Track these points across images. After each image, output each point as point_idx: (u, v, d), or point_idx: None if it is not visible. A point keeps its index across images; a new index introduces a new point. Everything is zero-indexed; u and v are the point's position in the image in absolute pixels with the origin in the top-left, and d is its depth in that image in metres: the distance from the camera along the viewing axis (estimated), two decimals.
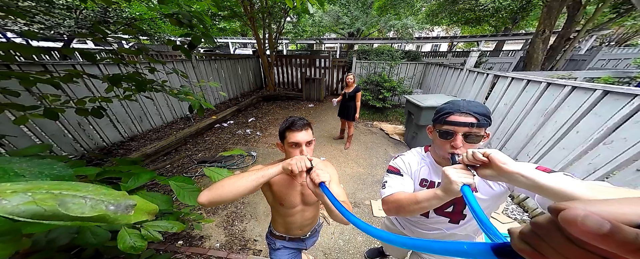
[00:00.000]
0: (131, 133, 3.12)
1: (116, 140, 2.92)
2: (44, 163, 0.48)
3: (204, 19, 1.01)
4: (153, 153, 2.63)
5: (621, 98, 1.30)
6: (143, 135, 3.22)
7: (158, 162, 2.64)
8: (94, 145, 2.64)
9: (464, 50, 11.69)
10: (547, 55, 4.62)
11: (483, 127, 0.52)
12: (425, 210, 0.53)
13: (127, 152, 2.71)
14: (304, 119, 0.71)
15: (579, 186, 0.32)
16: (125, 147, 2.86)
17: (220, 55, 5.98)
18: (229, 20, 5.31)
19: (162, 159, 2.74)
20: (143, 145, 2.91)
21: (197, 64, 4.30)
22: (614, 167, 1.25)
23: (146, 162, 2.56)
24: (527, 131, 1.94)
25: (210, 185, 0.59)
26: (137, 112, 3.15)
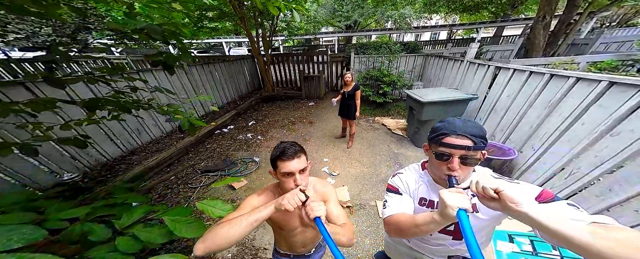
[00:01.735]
0: (131, 147, 3.11)
1: (116, 154, 2.91)
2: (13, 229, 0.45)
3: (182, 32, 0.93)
4: (155, 165, 2.63)
5: (628, 90, 1.28)
6: (143, 148, 3.22)
7: (162, 174, 2.65)
8: (94, 161, 2.64)
9: (464, 37, 11.45)
10: (549, 41, 4.53)
11: (479, 150, 0.52)
12: (425, 233, 0.53)
13: (128, 167, 2.71)
14: (295, 145, 0.67)
15: (580, 230, 0.33)
16: (127, 162, 2.86)
17: (214, 58, 5.78)
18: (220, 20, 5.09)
19: (165, 170, 2.74)
20: (144, 158, 2.91)
21: (190, 70, 4.18)
22: (621, 160, 1.26)
23: (150, 175, 2.57)
24: (531, 123, 1.93)
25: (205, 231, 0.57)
26: (134, 125, 3.11)
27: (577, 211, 0.42)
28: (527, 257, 1.25)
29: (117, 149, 2.93)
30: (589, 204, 1.39)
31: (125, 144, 3.02)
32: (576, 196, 1.49)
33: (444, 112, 2.69)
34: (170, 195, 2.30)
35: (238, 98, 5.83)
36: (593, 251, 0.33)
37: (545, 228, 0.36)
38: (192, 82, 4.26)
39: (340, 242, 0.63)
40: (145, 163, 2.56)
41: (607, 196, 1.30)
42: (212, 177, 2.60)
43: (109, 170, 2.64)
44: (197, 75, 4.39)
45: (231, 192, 2.32)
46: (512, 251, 1.31)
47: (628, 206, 1.21)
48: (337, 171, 2.59)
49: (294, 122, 4.27)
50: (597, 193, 1.36)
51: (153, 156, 2.73)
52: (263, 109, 5.20)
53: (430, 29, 9.42)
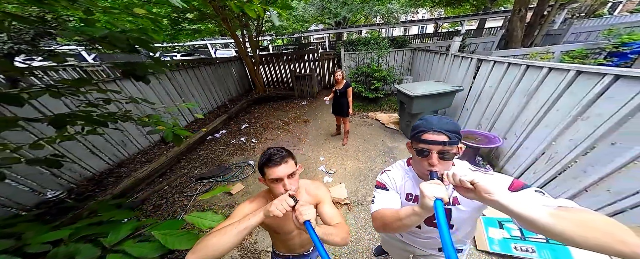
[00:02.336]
0: (117, 159, 2.99)
1: (103, 168, 2.79)
2: None
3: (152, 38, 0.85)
4: (146, 176, 2.55)
5: (593, 77, 1.39)
6: (131, 159, 3.10)
7: (154, 184, 2.58)
8: (79, 176, 2.51)
9: (449, 30, 11.78)
10: (526, 32, 4.78)
11: (455, 144, 0.56)
12: (409, 227, 0.54)
13: (117, 180, 2.61)
14: (282, 151, 0.67)
15: (543, 214, 0.38)
16: (115, 174, 2.75)
17: (199, 61, 5.56)
18: (202, 22, 4.82)
19: (158, 181, 2.67)
20: (133, 169, 2.81)
21: (172, 75, 3.99)
22: (593, 142, 1.37)
23: (142, 186, 2.49)
24: (512, 111, 2.05)
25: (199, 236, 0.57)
26: (118, 137, 2.97)
27: (543, 197, 0.47)
28: (516, 242, 1.35)
29: (103, 162, 2.81)
30: (568, 186, 1.50)
31: (110, 157, 2.90)
32: (556, 180, 1.60)
33: (433, 104, 2.79)
34: (166, 205, 2.25)
35: (228, 101, 5.69)
36: (555, 231, 0.37)
37: (514, 214, 0.40)
38: (176, 88, 4.08)
39: (334, 242, 0.63)
40: (135, 175, 2.48)
41: (582, 177, 1.42)
42: (207, 184, 2.55)
43: (96, 184, 2.54)
44: (181, 80, 4.21)
45: (228, 198, 2.30)
46: (503, 237, 1.41)
47: (602, 185, 1.33)
48: (333, 169, 2.62)
49: (288, 123, 4.25)
50: (574, 175, 1.48)
51: (143, 168, 2.64)
52: (255, 111, 5.12)
53: (417, 22, 9.61)
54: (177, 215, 2.09)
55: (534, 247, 1.32)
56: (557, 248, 1.25)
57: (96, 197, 2.15)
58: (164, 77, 3.79)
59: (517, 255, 1.32)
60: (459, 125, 0.58)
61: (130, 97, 1.07)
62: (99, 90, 1.05)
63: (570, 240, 0.37)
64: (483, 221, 1.54)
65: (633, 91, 1.20)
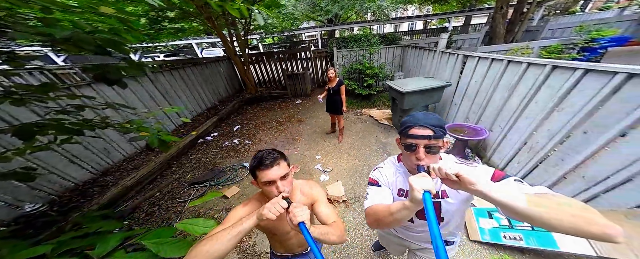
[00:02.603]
0: (101, 168, 2.84)
1: (86, 177, 2.66)
2: None
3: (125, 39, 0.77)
4: (135, 184, 2.45)
5: (566, 72, 1.50)
6: (117, 167, 2.96)
7: (145, 192, 2.49)
8: (59, 187, 2.37)
9: (438, 27, 12.09)
10: (508, 29, 5.01)
11: (440, 138, 0.58)
12: (400, 221, 0.56)
13: (103, 189, 2.50)
14: (273, 152, 0.66)
15: (520, 200, 0.41)
16: (100, 184, 2.62)
17: (184, 62, 5.20)
18: (184, 20, 4.50)
19: (148, 188, 2.58)
20: (120, 177, 2.69)
21: (155, 77, 3.77)
22: (568, 131, 1.49)
23: (131, 194, 2.40)
24: (497, 104, 2.16)
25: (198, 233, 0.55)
26: (100, 144, 2.81)
27: (522, 185, 0.51)
28: (505, 231, 1.43)
29: (85, 172, 2.66)
30: (549, 174, 1.61)
31: (93, 166, 2.75)
32: (538, 169, 1.72)
33: (423, 99, 2.87)
34: (159, 212, 2.19)
35: (218, 103, 5.53)
36: (533, 216, 0.40)
37: (496, 201, 0.43)
38: (161, 90, 3.88)
39: (331, 241, 0.64)
40: (123, 183, 2.37)
41: (560, 165, 1.53)
42: (201, 188, 2.50)
43: (81, 195, 2.41)
44: (166, 82, 4.01)
45: (224, 201, 2.26)
46: (492, 227, 1.49)
47: (578, 172, 1.44)
48: (330, 167, 2.65)
49: (282, 122, 4.21)
50: (553, 164, 1.59)
51: (130, 175, 2.53)
52: (247, 112, 5.02)
53: (407, 19, 9.79)
54: (172, 221, 2.05)
55: (522, 235, 1.39)
56: (542, 235, 1.33)
57: (82, 208, 2.04)
58: (146, 80, 3.60)
59: (507, 243, 1.39)
60: (443, 120, 0.61)
61: (106, 103, 0.98)
62: (70, 96, 0.96)
63: (547, 224, 0.40)
64: (474, 212, 1.62)
65: (600, 84, 1.30)
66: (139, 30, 0.90)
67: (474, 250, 1.45)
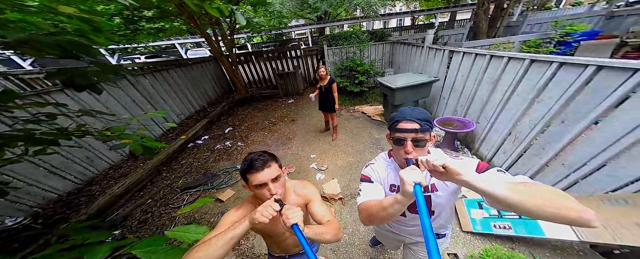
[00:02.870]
0: (86, 177, 2.70)
1: (70, 188, 2.51)
2: None
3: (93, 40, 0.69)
4: (124, 192, 2.36)
5: (543, 65, 1.58)
6: (103, 176, 2.82)
7: (135, 199, 2.40)
8: (41, 199, 2.24)
9: (425, 23, 12.33)
10: (490, 24, 5.21)
11: (427, 132, 0.60)
12: (393, 216, 0.56)
13: (90, 199, 2.37)
14: (264, 155, 0.65)
15: (502, 189, 0.43)
16: (86, 193, 2.49)
17: (167, 63, 4.90)
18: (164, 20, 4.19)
19: (138, 195, 2.48)
20: (107, 186, 2.57)
21: (137, 80, 3.57)
22: (547, 121, 1.57)
23: (121, 203, 2.30)
24: (482, 97, 2.25)
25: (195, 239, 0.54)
26: (81, 153, 2.65)
27: (504, 175, 0.54)
28: (495, 220, 1.49)
29: (68, 182, 2.51)
30: (533, 163, 1.70)
31: (76, 176, 2.60)
32: (522, 158, 1.81)
33: (413, 94, 2.93)
34: (152, 219, 2.12)
35: (207, 105, 5.35)
36: (514, 203, 0.42)
37: (480, 190, 0.44)
38: (144, 94, 3.68)
39: (327, 240, 0.65)
40: (111, 192, 2.27)
41: (542, 154, 1.62)
42: (194, 193, 2.43)
43: (66, 206, 2.28)
44: (149, 86, 3.81)
45: (219, 205, 2.21)
46: (483, 217, 1.55)
47: (558, 160, 1.53)
48: (325, 165, 2.65)
49: (275, 122, 4.15)
50: (535, 152, 1.68)
51: (118, 183, 2.42)
52: (239, 113, 4.90)
53: (395, 15, 9.91)
54: (167, 228, 2.00)
55: (510, 224, 1.44)
56: (529, 223, 1.38)
57: (69, 219, 1.95)
58: (126, 83, 3.40)
59: (497, 233, 1.44)
60: (429, 114, 0.62)
61: (80, 110, 0.91)
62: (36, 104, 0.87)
63: (529, 211, 0.41)
64: (465, 203, 1.68)
65: (573, 76, 1.39)
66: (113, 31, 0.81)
67: (467, 241, 1.50)
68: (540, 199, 0.41)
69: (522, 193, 0.42)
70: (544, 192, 0.43)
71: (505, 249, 1.37)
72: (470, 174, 0.45)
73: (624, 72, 1.15)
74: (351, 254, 1.54)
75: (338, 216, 1.89)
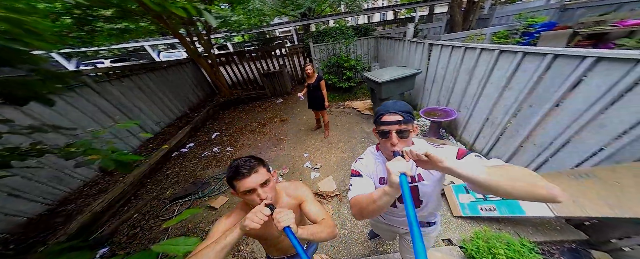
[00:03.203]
0: (56, 197, 2.47)
1: (40, 210, 2.30)
2: None
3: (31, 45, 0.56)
4: (105, 208, 2.20)
5: (510, 55, 1.73)
6: (78, 194, 2.59)
7: (121, 214, 2.25)
8: (7, 224, 2.05)
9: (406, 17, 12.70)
10: (464, 18, 5.53)
11: (409, 123, 0.63)
12: (382, 208, 0.57)
13: (67, 219, 2.19)
14: (250, 160, 0.63)
15: (480, 173, 0.46)
16: (62, 213, 2.30)
17: (137, 67, 4.36)
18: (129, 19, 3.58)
19: (123, 211, 2.33)
20: (85, 204, 2.39)
21: (102, 87, 3.21)
22: (518, 105, 1.72)
23: (105, 219, 2.16)
24: (461, 87, 2.39)
25: None
26: (47, 173, 2.41)
27: (481, 160, 0.59)
28: (481, 203, 1.59)
29: (36, 204, 2.29)
30: (509, 145, 1.85)
31: (45, 197, 2.37)
32: (500, 142, 1.96)
33: (399, 87, 3.03)
34: (142, 233, 2.02)
35: (189, 110, 5.06)
36: (491, 185, 0.45)
37: (461, 175, 0.47)
38: (113, 103, 3.34)
39: (322, 239, 0.65)
40: (91, 209, 2.12)
41: (516, 136, 1.77)
42: (185, 203, 2.33)
43: (40, 228, 2.10)
44: (118, 93, 3.47)
45: (213, 213, 2.14)
46: (470, 201, 1.65)
47: (530, 140, 1.68)
48: (319, 163, 2.65)
49: (264, 124, 4.06)
50: (511, 135, 1.84)
51: (98, 200, 2.25)
52: (225, 117, 4.72)
53: (378, 10, 10.08)
54: (159, 240, 1.91)
55: (495, 206, 1.52)
56: (510, 203, 1.47)
57: (47, 242, 1.80)
58: (87, 91, 3.04)
59: (484, 215, 1.53)
60: (410, 106, 0.65)
61: (30, 126, 0.75)
62: None
63: (504, 192, 0.44)
64: (453, 189, 1.78)
65: (536, 64, 1.53)
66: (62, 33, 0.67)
67: (458, 225, 1.58)
68: (514, 180, 0.45)
69: (498, 175, 0.46)
70: (516, 173, 0.47)
71: (493, 231, 1.45)
72: (452, 161, 0.48)
73: (575, 59, 1.30)
74: (351, 249, 1.58)
75: (336, 213, 1.92)
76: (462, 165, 0.47)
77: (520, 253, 1.23)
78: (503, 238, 1.34)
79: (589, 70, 1.25)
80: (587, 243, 1.34)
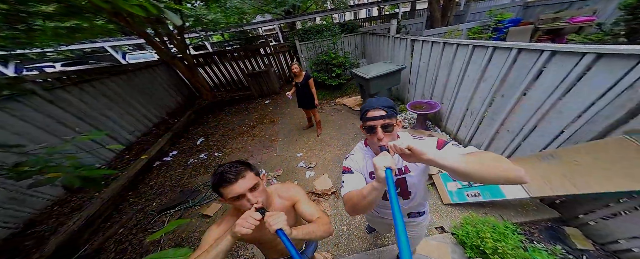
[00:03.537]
0: (20, 220, 2.23)
1: (4, 235, 2.08)
2: None
3: None
4: (84, 226, 2.05)
5: (482, 50, 1.87)
6: (48, 213, 2.35)
7: (103, 231, 2.12)
8: None
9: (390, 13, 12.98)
10: (442, 14, 5.81)
11: (393, 117, 0.65)
12: (372, 203, 0.59)
13: (40, 241, 2.00)
14: (236, 165, 0.61)
15: (458, 161, 0.49)
16: (32, 236, 2.10)
17: (98, 71, 3.57)
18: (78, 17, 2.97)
19: (105, 227, 2.18)
20: (60, 223, 2.20)
21: (55, 96, 2.81)
22: (492, 96, 1.87)
23: (86, 237, 2.02)
24: (442, 80, 2.53)
25: None
26: (2, 194, 2.15)
27: (457, 148, 0.63)
28: (467, 190, 1.70)
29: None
30: (487, 132, 1.99)
31: (5, 220, 2.14)
32: (479, 130, 2.11)
33: (386, 83, 3.12)
34: (132, 248, 1.91)
35: (168, 116, 4.73)
36: (467, 172, 0.48)
37: (442, 166, 0.49)
38: (73, 112, 2.95)
39: (318, 237, 0.66)
40: (67, 228, 1.96)
41: (493, 124, 1.92)
42: (175, 214, 2.22)
43: (7, 254, 1.91)
44: (77, 101, 3.07)
45: (207, 221, 2.07)
46: (457, 188, 1.75)
47: (505, 127, 1.82)
48: (313, 162, 2.65)
49: (253, 126, 3.94)
50: (488, 123, 1.99)
51: (73, 219, 2.07)
52: (210, 121, 4.49)
53: (364, 6, 10.16)
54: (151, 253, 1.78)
55: (479, 191, 1.61)
56: (491, 188, 1.56)
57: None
58: (38, 101, 2.65)
59: (471, 201, 1.62)
60: (392, 102, 0.67)
61: None
62: None
63: (479, 177, 0.48)
64: (441, 178, 1.88)
65: (504, 58, 1.67)
66: None
67: (449, 213, 1.68)
68: (487, 166, 0.49)
69: (473, 163, 0.49)
70: (488, 159, 0.51)
71: (480, 216, 1.53)
72: (432, 152, 0.50)
73: (535, 53, 1.44)
74: (351, 245, 1.62)
75: (334, 210, 1.94)
76: (442, 156, 0.50)
77: (504, 234, 1.30)
78: (489, 222, 1.41)
79: (546, 62, 1.40)
80: (560, 220, 1.46)
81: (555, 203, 1.53)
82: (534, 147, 1.59)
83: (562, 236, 1.37)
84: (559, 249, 1.28)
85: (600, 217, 1.29)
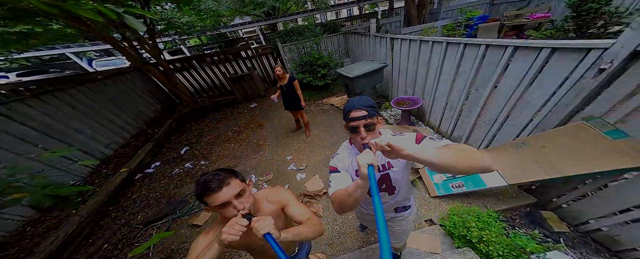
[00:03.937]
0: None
1: None
2: None
3: None
4: (61, 247, 1.88)
5: (455, 46, 1.97)
6: (19, 234, 2.16)
7: (86, 248, 1.99)
8: None
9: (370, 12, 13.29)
10: (418, 12, 6.08)
11: (374, 116, 0.67)
12: (358, 200, 0.61)
13: None
14: (219, 173, 0.60)
15: (433, 154, 0.51)
16: (9, 256, 1.95)
17: (60, 81, 3.22)
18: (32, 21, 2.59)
19: (86, 246, 2.03)
20: (35, 244, 2.03)
21: (12, 110, 2.51)
22: (467, 90, 1.98)
23: (66, 256, 1.88)
24: (422, 76, 2.64)
25: None
26: None
27: (434, 142, 0.66)
28: (451, 181, 1.77)
29: None
30: (466, 125, 2.10)
31: None
32: (458, 123, 2.22)
33: (370, 81, 3.18)
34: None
35: (147, 126, 4.43)
36: (444, 164, 0.50)
37: (420, 160, 0.51)
38: (35, 127, 2.66)
39: (309, 238, 0.66)
40: (43, 249, 1.81)
41: (470, 116, 2.04)
42: (163, 225, 2.11)
43: None
44: (39, 115, 2.76)
45: (197, 231, 1.97)
46: (442, 181, 1.81)
47: (481, 119, 1.94)
48: (303, 164, 2.62)
49: (240, 131, 3.80)
50: (466, 116, 2.10)
51: (49, 238, 1.91)
52: (193, 129, 4.27)
53: (344, 6, 10.27)
54: None
55: (462, 182, 1.67)
56: (473, 178, 1.63)
57: None
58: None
59: (456, 192, 1.67)
60: (373, 101, 0.70)
61: None
62: None
63: (452, 168, 0.50)
64: (428, 171, 1.94)
65: (474, 53, 1.78)
66: None
67: (437, 205, 1.73)
68: (457, 156, 0.51)
69: (446, 155, 0.51)
70: (459, 150, 0.54)
71: (465, 206, 1.60)
72: (411, 147, 0.51)
73: (501, 48, 1.55)
74: (345, 243, 1.62)
75: (327, 210, 1.94)
76: (419, 151, 0.51)
77: (488, 223, 1.34)
78: (473, 211, 1.46)
79: (511, 57, 1.51)
80: (537, 205, 1.53)
81: (531, 188, 1.63)
82: (508, 136, 1.70)
83: (540, 220, 1.45)
84: (537, 233, 1.35)
85: (571, 199, 1.38)
